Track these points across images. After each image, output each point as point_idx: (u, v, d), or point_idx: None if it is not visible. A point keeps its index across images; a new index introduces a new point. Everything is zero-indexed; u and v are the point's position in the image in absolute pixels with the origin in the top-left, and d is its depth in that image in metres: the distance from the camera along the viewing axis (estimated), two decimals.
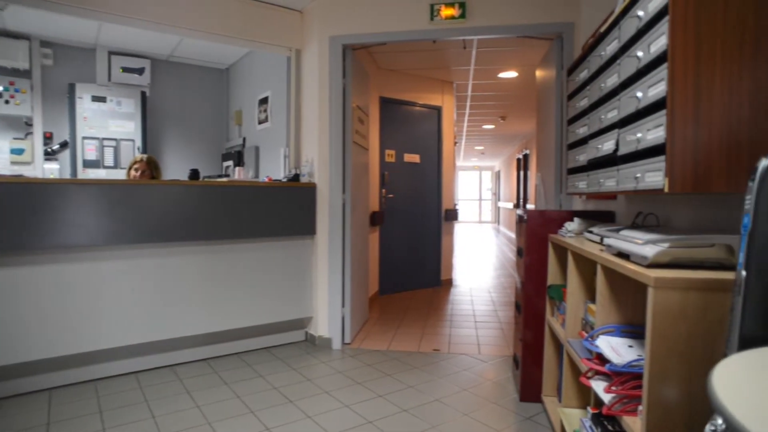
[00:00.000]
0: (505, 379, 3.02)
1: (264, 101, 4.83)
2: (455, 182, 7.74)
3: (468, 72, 5.63)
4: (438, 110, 6.11)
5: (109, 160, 4.86)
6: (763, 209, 1.01)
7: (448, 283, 6.28)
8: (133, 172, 3.60)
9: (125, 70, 4.95)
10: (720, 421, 0.98)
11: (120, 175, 4.67)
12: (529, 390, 2.67)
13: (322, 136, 3.67)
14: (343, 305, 3.70)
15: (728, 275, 1.18)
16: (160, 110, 5.34)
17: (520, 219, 2.81)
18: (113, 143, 4.89)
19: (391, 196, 5.64)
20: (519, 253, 2.80)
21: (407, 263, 5.86)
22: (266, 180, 3.74)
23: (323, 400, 2.68)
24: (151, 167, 3.65)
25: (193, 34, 3.53)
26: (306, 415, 2.50)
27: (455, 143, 7.07)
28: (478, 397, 2.75)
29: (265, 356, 3.42)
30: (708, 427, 1.07)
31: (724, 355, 1.03)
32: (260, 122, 4.92)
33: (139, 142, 5.01)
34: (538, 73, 3.92)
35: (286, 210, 3.56)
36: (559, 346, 2.48)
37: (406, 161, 5.83)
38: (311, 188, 3.69)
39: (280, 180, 3.75)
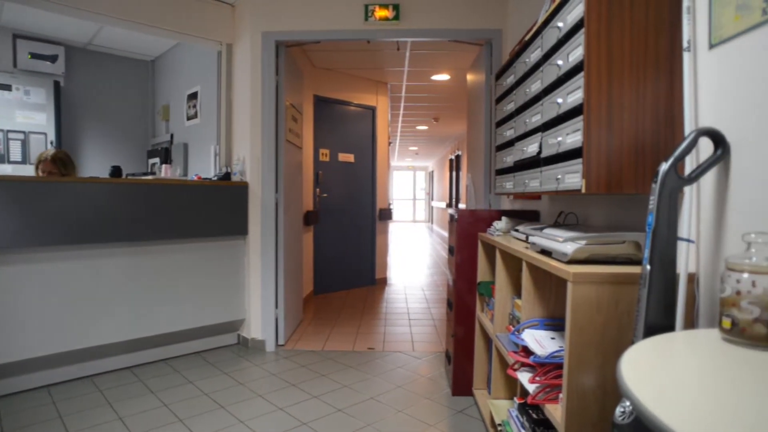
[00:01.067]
0: (438, 375, 3.09)
1: (193, 96, 4.64)
2: (389, 182, 7.82)
3: (402, 73, 5.71)
4: (372, 110, 6.15)
5: (16, 154, 4.47)
6: (664, 209, 1.10)
7: (383, 282, 6.34)
8: (39, 173, 3.25)
9: (34, 56, 4.56)
10: (628, 402, 1.07)
11: (29, 171, 4.31)
12: (461, 384, 2.75)
13: (254, 134, 3.58)
14: (276, 306, 3.64)
15: (636, 269, 1.28)
16: (77, 102, 4.97)
17: (451, 218, 2.90)
18: (20, 136, 4.50)
19: (325, 195, 5.61)
20: (450, 251, 2.88)
21: (342, 262, 5.86)
22: (195, 178, 3.60)
23: (256, 404, 2.62)
24: (58, 165, 3.25)
25: (114, 21, 3.32)
26: (238, 420, 2.43)
27: (389, 143, 7.15)
28: (412, 393, 2.80)
29: (196, 361, 3.29)
30: (618, 409, 1.16)
31: (632, 343, 1.12)
32: (189, 118, 4.73)
33: (52, 136, 4.65)
34: (469, 77, 4.05)
35: (216, 209, 3.44)
36: (488, 341, 2.58)
37: (340, 160, 5.82)
38: (243, 187, 3.59)
39: (210, 179, 3.63)
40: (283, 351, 3.56)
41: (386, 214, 6.40)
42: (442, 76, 5.80)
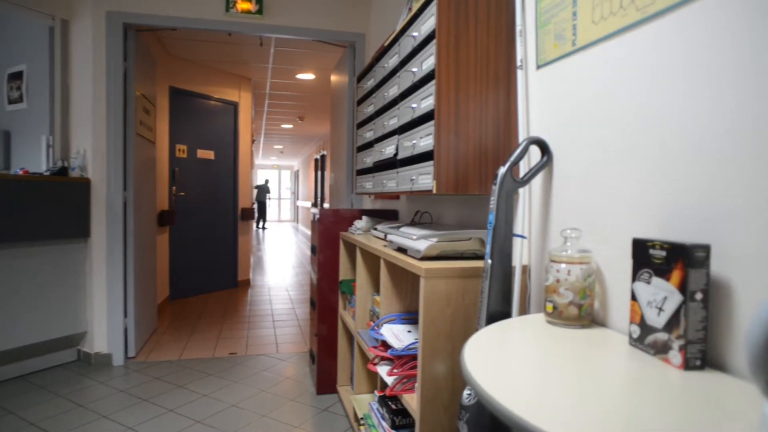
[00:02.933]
0: (302, 375, 3.08)
1: (16, 76, 4.00)
2: (253, 181, 7.57)
3: (266, 70, 5.57)
4: (235, 106, 5.90)
5: None
6: (502, 208, 1.23)
7: (246, 284, 6.12)
8: None
9: None
10: None
11: None
12: (325, 382, 2.77)
13: (98, 125, 3.22)
14: (125, 315, 3.31)
15: (481, 263, 1.41)
16: None
17: (314, 218, 2.90)
18: None
19: (182, 194, 5.24)
20: (313, 250, 2.88)
21: (201, 265, 5.53)
22: (21, 172, 3.12)
23: (99, 426, 2.36)
24: None
25: None
26: None
27: (253, 141, 6.92)
28: (277, 396, 2.75)
29: (22, 386, 2.85)
30: (465, 392, 1.26)
31: (477, 330, 1.23)
32: (11, 101, 4.07)
33: None
34: (333, 78, 4.09)
35: (50, 209, 3.02)
36: (351, 338, 2.63)
37: (199, 157, 5.49)
38: (84, 184, 3.20)
39: (41, 173, 3.17)
40: (134, 364, 3.25)
41: (249, 214, 6.19)
42: (308, 75, 5.78)
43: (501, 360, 0.86)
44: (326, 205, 10.46)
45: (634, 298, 0.92)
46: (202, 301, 5.18)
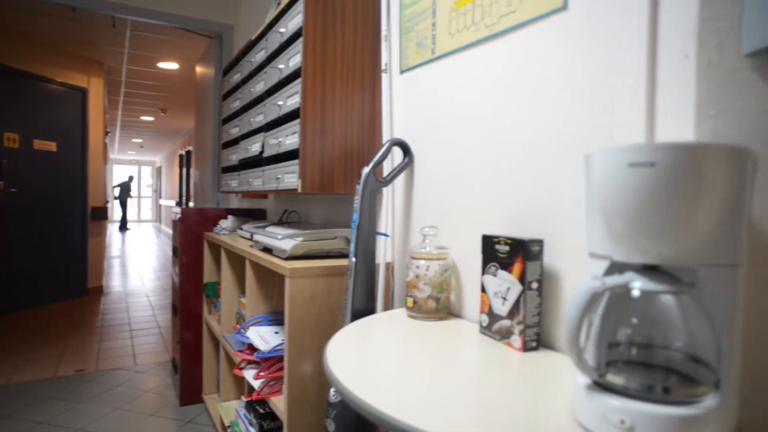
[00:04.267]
0: (164, 387, 2.86)
1: None
2: (107, 177, 6.85)
3: (122, 55, 5.06)
4: (83, 92, 5.27)
5: None
6: (365, 207, 1.26)
7: (98, 291, 5.51)
8: None
9: None
10: None
11: None
12: (190, 392, 2.60)
13: None
14: None
15: (346, 262, 1.43)
16: None
17: (175, 217, 2.71)
18: None
19: (14, 190, 4.55)
20: (175, 252, 2.69)
21: (41, 272, 4.85)
22: None
23: None
24: None
25: None
26: None
27: (107, 133, 6.26)
28: (134, 413, 2.51)
29: None
30: (331, 390, 1.27)
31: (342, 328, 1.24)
32: None
33: None
34: (199, 69, 3.86)
35: None
36: (217, 343, 2.51)
37: (36, 149, 4.81)
38: None
39: None
40: None
41: (101, 214, 5.58)
42: (171, 65, 5.38)
43: (363, 356, 0.88)
44: (192, 204, 9.84)
45: (483, 289, 1.00)
46: (42, 314, 4.55)
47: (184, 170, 12.01)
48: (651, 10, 0.75)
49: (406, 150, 1.37)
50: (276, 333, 1.68)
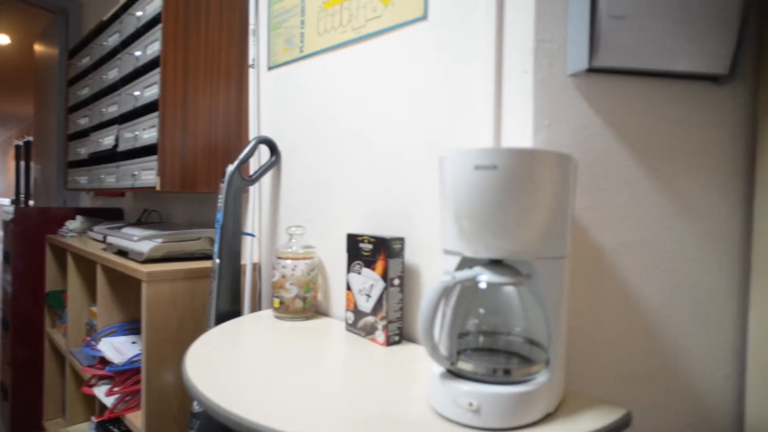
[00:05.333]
0: None
1: None
2: None
3: None
4: None
5: None
6: (230, 206, 1.21)
7: None
8: None
9: None
10: None
11: None
12: (25, 420, 2.28)
13: None
14: None
15: (210, 263, 1.36)
16: None
17: (7, 218, 2.36)
18: None
19: None
20: (6, 258, 2.34)
21: None
22: None
23: None
24: None
25: None
26: None
27: None
28: None
29: None
30: (195, 403, 1.20)
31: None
32: None
33: None
34: (38, 48, 3.40)
35: None
36: (62, 360, 2.23)
37: None
38: None
39: None
40: None
41: None
42: (1, 38, 4.64)
43: (226, 361, 0.85)
44: (31, 203, 8.62)
45: (349, 287, 1.02)
46: None
47: (23, 163, 10.46)
48: (497, 29, 0.83)
49: (273, 148, 1.35)
50: (134, 343, 1.55)
